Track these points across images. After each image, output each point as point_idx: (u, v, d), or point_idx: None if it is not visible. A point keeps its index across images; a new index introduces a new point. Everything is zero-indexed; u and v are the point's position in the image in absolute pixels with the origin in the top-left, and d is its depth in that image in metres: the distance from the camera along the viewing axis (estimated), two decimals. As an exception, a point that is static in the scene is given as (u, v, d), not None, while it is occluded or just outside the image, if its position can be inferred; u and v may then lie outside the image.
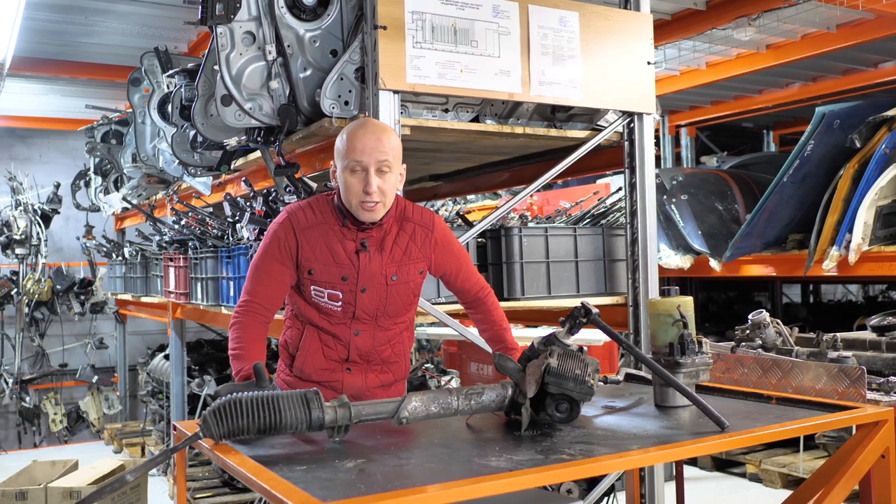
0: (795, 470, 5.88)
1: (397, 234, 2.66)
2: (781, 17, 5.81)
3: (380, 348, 2.70)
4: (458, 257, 2.82)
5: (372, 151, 2.50)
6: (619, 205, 4.44)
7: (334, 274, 2.60)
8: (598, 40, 3.83)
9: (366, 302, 2.63)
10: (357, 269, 2.60)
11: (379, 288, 2.63)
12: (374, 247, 2.62)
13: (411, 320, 2.82)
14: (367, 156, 2.50)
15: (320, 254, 2.60)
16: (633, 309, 4.08)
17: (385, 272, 2.63)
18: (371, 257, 2.61)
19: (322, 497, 1.62)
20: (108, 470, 5.34)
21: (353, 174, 2.52)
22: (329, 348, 2.68)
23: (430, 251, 2.72)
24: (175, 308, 6.11)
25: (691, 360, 2.49)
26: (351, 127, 2.59)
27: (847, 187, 5.27)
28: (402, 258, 2.66)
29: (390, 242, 2.64)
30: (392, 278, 2.64)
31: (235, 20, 3.46)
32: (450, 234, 2.82)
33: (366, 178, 2.50)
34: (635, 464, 2.14)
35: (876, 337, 3.24)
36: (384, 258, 2.63)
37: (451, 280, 2.84)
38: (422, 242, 2.70)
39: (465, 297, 2.90)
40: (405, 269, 2.67)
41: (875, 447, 2.30)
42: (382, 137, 2.54)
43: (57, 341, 10.19)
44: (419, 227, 2.70)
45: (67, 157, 10.32)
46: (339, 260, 2.60)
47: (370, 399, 2.64)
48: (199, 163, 4.76)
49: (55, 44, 6.64)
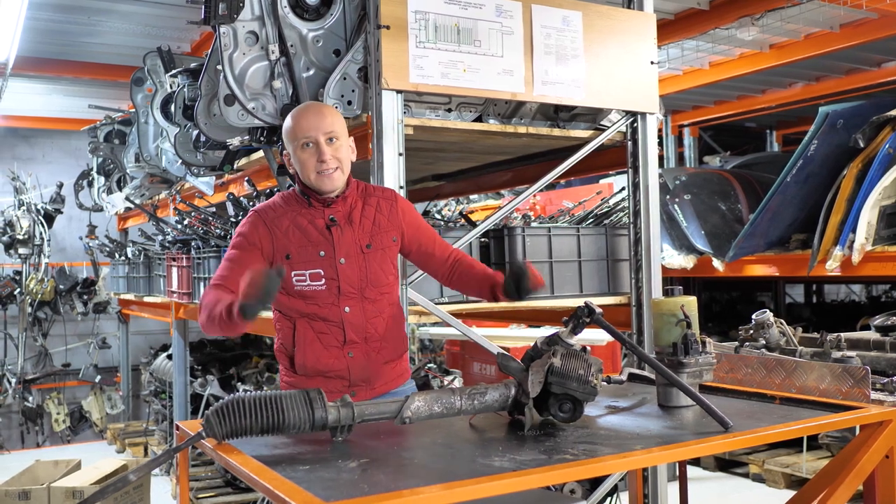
0: (799, 470, 5.87)
1: (363, 208, 2.76)
2: (784, 16, 5.80)
3: (373, 321, 2.72)
4: (428, 230, 2.92)
5: (318, 124, 2.66)
6: (622, 205, 4.43)
7: (311, 252, 2.67)
8: (602, 40, 3.83)
9: (347, 272, 2.68)
10: (332, 243, 2.68)
11: (357, 257, 2.70)
12: (343, 220, 2.71)
13: (397, 297, 2.87)
14: (314, 129, 2.65)
15: (294, 237, 2.68)
16: (637, 309, 4.07)
17: (359, 241, 2.71)
18: (343, 230, 2.70)
19: (325, 497, 1.62)
20: (110, 470, 5.35)
21: (305, 150, 2.66)
22: (325, 334, 2.69)
23: (400, 220, 2.81)
24: (178, 308, 6.12)
25: (695, 360, 2.48)
26: (293, 112, 2.75)
27: (850, 187, 5.25)
28: (373, 228, 2.75)
29: (358, 215, 2.74)
30: (367, 247, 2.72)
31: (238, 20, 3.46)
32: (413, 208, 2.92)
33: (318, 150, 2.65)
34: (638, 464, 2.13)
35: (880, 337, 3.24)
36: (355, 230, 2.71)
37: (429, 251, 2.90)
38: (389, 213, 2.79)
39: (445, 267, 2.93)
40: (378, 238, 2.75)
41: (879, 447, 2.29)
42: (324, 111, 2.71)
43: (60, 341, 10.20)
44: (382, 200, 2.81)
45: (70, 156, 10.33)
46: (313, 238, 2.68)
47: (381, 379, 2.73)
48: (201, 162, 4.76)
49: (58, 43, 6.65)
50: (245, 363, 7.63)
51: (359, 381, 2.70)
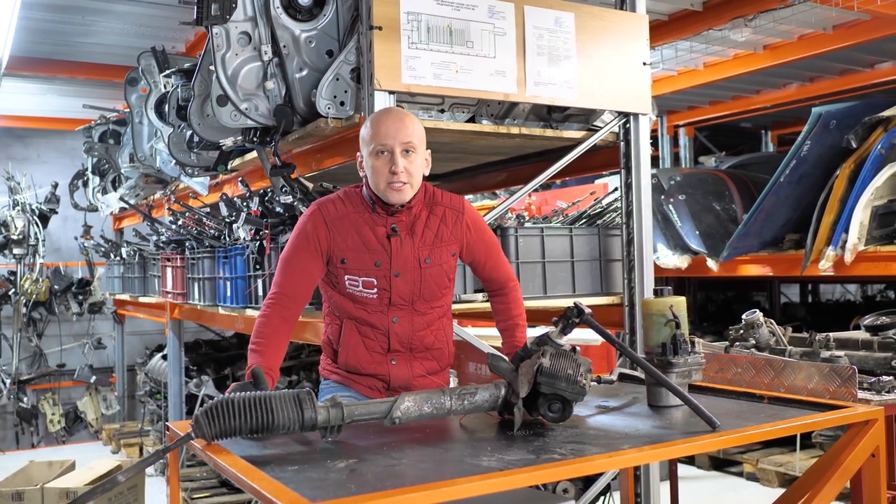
0: (792, 469, 5.89)
1: (427, 217, 2.69)
2: (778, 17, 5.81)
3: (420, 334, 2.70)
4: (488, 245, 2.84)
5: (396, 133, 2.57)
6: (615, 205, 4.44)
7: (367, 260, 2.62)
8: (594, 41, 3.83)
9: (400, 286, 2.64)
10: (389, 253, 2.63)
11: (412, 271, 2.65)
12: (404, 231, 2.65)
13: (449, 306, 2.83)
14: (392, 138, 2.57)
15: (352, 242, 2.63)
16: (629, 309, 4.08)
17: (418, 255, 2.65)
18: (402, 241, 2.64)
19: (312, 497, 1.63)
20: (105, 470, 5.34)
21: (379, 157, 2.58)
22: (369, 339, 2.68)
23: (462, 234, 2.74)
24: (173, 308, 6.12)
25: (684, 360, 2.50)
26: (374, 114, 2.68)
27: (843, 187, 5.27)
28: (434, 241, 2.68)
29: (421, 226, 2.67)
30: (425, 261, 2.66)
31: (231, 20, 3.46)
32: (481, 220, 2.84)
33: (391, 160, 2.56)
34: (626, 463, 2.15)
35: (869, 336, 3.25)
36: (416, 241, 2.65)
37: (479, 267, 2.85)
38: (453, 225, 2.72)
39: (492, 286, 2.91)
40: (437, 251, 2.69)
41: (865, 446, 2.31)
42: (406, 120, 2.62)
43: (55, 341, 10.18)
44: (449, 210, 2.73)
45: (65, 156, 10.32)
46: (371, 246, 2.63)
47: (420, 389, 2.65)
48: (195, 163, 4.77)
49: (52, 43, 6.64)
50: (240, 363, 7.64)
51: (398, 387, 2.68)
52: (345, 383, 2.73)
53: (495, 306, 2.94)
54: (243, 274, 4.41)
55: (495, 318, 2.95)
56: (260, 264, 4.16)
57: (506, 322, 2.90)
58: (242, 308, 4.44)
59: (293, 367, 7.67)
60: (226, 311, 4.73)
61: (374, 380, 2.70)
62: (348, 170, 3.80)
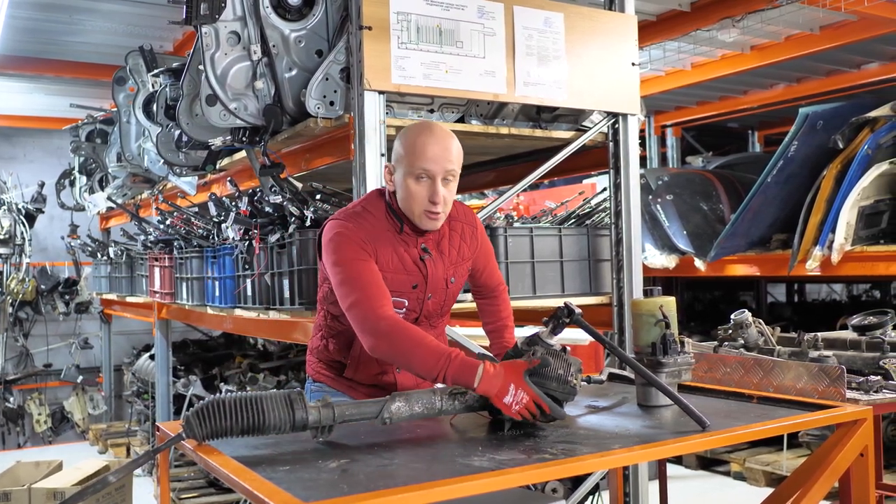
0: (779, 468, 5.92)
1: (450, 235, 2.62)
2: (765, 18, 5.84)
3: None
4: (487, 254, 2.81)
5: (441, 160, 2.42)
6: (604, 205, 4.45)
7: (405, 282, 2.51)
8: (583, 41, 3.84)
9: (430, 307, 2.60)
10: (426, 276, 2.54)
11: (441, 292, 2.60)
12: (434, 251, 2.57)
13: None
14: (436, 164, 2.41)
15: (392, 263, 2.48)
16: (618, 309, 4.10)
17: (446, 276, 2.59)
18: (435, 263, 2.56)
19: (304, 497, 1.63)
20: (92, 471, 5.32)
21: (419, 182, 2.43)
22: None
23: (476, 248, 2.71)
24: (160, 308, 6.10)
25: (673, 360, 2.51)
26: (416, 130, 2.47)
27: (830, 188, 5.30)
28: (458, 259, 2.63)
29: (446, 245, 2.61)
30: (451, 281, 2.62)
31: (220, 20, 3.46)
32: (483, 229, 2.81)
33: (432, 188, 2.42)
34: (616, 463, 2.15)
35: (857, 336, 3.26)
36: (444, 262, 2.59)
37: (478, 275, 2.81)
38: (470, 240, 2.68)
39: (483, 292, 2.89)
40: (460, 269, 2.65)
41: (854, 445, 2.32)
42: (450, 146, 2.45)
43: (41, 341, 10.13)
44: (466, 226, 2.67)
45: (52, 156, 10.26)
46: (409, 268, 2.52)
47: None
48: (184, 162, 4.75)
49: (39, 42, 6.60)
50: (228, 363, 7.63)
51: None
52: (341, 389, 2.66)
53: (484, 308, 2.92)
54: (232, 274, 4.40)
55: (483, 319, 2.94)
56: (249, 264, 4.15)
57: (494, 324, 2.89)
58: (231, 308, 4.43)
59: (281, 368, 7.66)
60: (214, 311, 4.72)
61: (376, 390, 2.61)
62: (338, 169, 3.79)
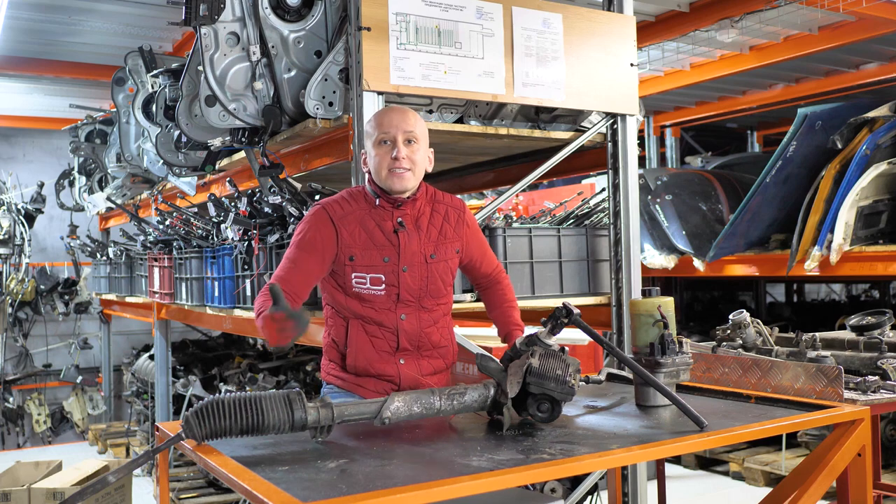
0: (778, 468, 5.93)
1: (431, 214, 2.73)
2: (764, 19, 5.85)
3: (427, 331, 2.70)
4: (482, 244, 2.89)
5: (399, 123, 2.64)
6: (602, 205, 4.45)
7: (375, 256, 2.63)
8: (582, 42, 3.85)
9: (409, 282, 2.65)
10: (398, 248, 2.64)
11: (420, 266, 2.67)
12: (410, 225, 2.67)
13: (450, 305, 2.84)
14: (394, 128, 2.63)
15: (360, 238, 2.64)
16: (617, 309, 4.10)
17: (424, 251, 2.67)
18: (409, 235, 2.66)
19: (303, 497, 1.64)
20: (92, 471, 5.33)
21: (382, 146, 2.64)
22: (377, 339, 2.67)
23: (463, 233, 2.79)
24: (160, 308, 6.10)
25: (671, 360, 2.51)
26: (378, 111, 2.80)
27: (829, 188, 5.31)
28: (438, 238, 2.72)
29: (425, 222, 2.71)
30: (431, 257, 2.69)
31: (219, 21, 3.46)
32: (475, 220, 2.89)
33: (394, 148, 2.62)
34: (614, 463, 2.16)
35: (855, 336, 3.27)
36: (422, 237, 2.68)
37: (475, 266, 2.89)
38: (455, 223, 2.77)
39: (483, 282, 2.95)
40: (442, 248, 2.72)
41: (851, 445, 2.33)
42: (408, 113, 2.69)
43: (41, 341, 10.13)
44: (451, 209, 2.78)
45: (51, 156, 10.27)
46: (379, 242, 2.64)
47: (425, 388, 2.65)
48: (183, 163, 4.75)
49: (39, 43, 6.60)
50: (227, 363, 7.62)
51: (407, 388, 2.66)
52: (350, 389, 2.69)
53: (487, 296, 2.96)
54: (231, 274, 4.41)
55: (487, 307, 2.98)
56: (248, 264, 4.16)
57: (501, 307, 2.92)
58: (230, 308, 4.44)
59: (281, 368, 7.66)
60: (213, 312, 4.73)
61: (382, 382, 2.67)
62: (337, 170, 3.80)
